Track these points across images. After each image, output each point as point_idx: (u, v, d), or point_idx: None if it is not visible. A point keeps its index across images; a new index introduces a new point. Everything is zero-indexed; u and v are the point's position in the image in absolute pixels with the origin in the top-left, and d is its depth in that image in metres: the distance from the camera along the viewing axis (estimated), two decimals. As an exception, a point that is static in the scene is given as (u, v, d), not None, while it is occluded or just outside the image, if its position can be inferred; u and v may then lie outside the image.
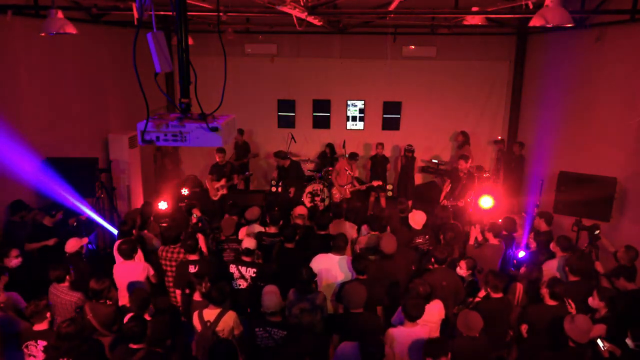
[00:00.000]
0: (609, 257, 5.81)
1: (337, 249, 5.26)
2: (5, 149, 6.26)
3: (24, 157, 6.73)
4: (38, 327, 4.03)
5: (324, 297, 4.88)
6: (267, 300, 4.25)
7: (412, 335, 4.14)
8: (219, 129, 2.51)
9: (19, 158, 6.65)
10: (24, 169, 6.68)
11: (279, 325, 4.26)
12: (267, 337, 4.22)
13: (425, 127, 11.46)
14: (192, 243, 5.32)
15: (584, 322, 4.00)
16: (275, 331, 4.22)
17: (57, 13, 5.62)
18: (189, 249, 5.33)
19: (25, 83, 6.83)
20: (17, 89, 6.70)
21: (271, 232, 6.14)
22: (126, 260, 5.26)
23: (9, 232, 6.19)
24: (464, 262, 5.38)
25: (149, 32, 2.52)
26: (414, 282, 4.62)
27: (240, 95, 10.96)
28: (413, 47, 11.16)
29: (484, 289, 4.83)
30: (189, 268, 5.25)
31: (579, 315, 4.09)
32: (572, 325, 3.99)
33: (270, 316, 4.26)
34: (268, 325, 4.24)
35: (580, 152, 8.27)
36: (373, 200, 10.29)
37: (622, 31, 7.29)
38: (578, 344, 3.96)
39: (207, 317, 4.35)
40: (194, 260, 5.30)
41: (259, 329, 4.25)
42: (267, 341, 4.22)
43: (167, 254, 5.61)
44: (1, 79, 6.40)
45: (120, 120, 9.12)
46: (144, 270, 5.31)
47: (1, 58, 6.36)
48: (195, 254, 5.34)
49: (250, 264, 5.25)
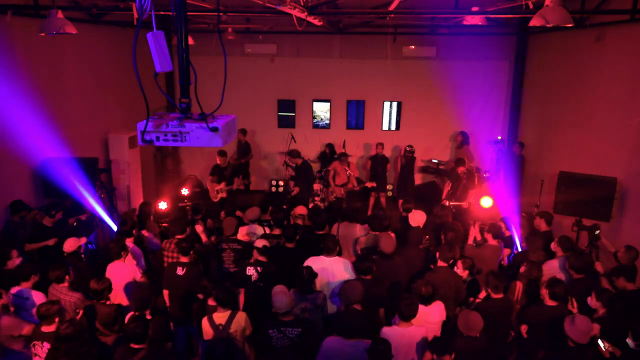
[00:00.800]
0: (609, 257, 5.81)
1: (328, 251, 5.21)
2: (5, 148, 6.26)
3: (23, 157, 6.75)
4: (46, 329, 4.04)
5: (325, 296, 4.88)
6: (278, 302, 4.22)
7: (406, 335, 4.12)
8: (219, 129, 2.51)
9: (19, 158, 6.67)
10: (23, 168, 6.70)
11: (292, 323, 4.24)
12: (282, 337, 4.20)
13: (425, 127, 11.45)
14: (187, 246, 5.33)
15: (584, 322, 4.00)
16: (290, 330, 4.21)
17: (57, 13, 5.62)
18: (182, 250, 5.34)
19: (25, 83, 6.82)
20: (17, 89, 6.69)
21: (275, 233, 6.14)
22: (116, 259, 5.27)
23: (9, 232, 6.18)
24: (460, 262, 5.37)
25: (149, 32, 2.52)
26: (417, 282, 4.61)
27: (240, 95, 10.96)
28: (413, 47, 11.17)
29: (484, 290, 4.83)
30: (176, 270, 5.27)
31: (579, 316, 4.09)
32: (572, 326, 3.99)
33: (282, 316, 4.24)
34: (282, 326, 4.21)
35: (580, 152, 8.27)
36: (373, 200, 10.29)
37: (622, 31, 7.29)
38: (578, 345, 3.97)
39: (218, 320, 4.33)
40: (184, 263, 5.31)
41: (272, 330, 4.21)
42: (282, 341, 4.21)
43: (172, 246, 5.69)
44: (1, 79, 6.39)
45: (120, 120, 9.12)
46: (131, 272, 5.29)
47: (1, 58, 6.36)
48: (187, 257, 5.34)
49: (267, 264, 5.25)
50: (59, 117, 7.54)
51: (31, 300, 4.62)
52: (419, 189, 11.04)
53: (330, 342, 3.94)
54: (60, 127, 7.55)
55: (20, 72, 6.74)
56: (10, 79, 6.56)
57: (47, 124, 7.26)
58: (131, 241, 5.80)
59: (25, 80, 6.81)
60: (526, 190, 9.83)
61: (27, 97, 6.88)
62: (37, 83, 7.09)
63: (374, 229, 6.04)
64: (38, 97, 7.09)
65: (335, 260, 5.20)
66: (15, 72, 6.64)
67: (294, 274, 4.80)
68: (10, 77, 6.56)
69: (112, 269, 5.27)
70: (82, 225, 6.89)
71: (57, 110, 7.52)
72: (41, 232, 6.15)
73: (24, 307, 4.59)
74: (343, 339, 3.91)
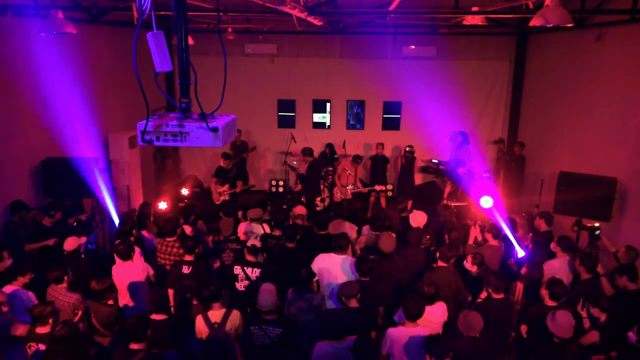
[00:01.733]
0: (610, 257, 5.81)
1: (340, 249, 5.25)
2: (5, 148, 6.26)
3: (23, 157, 6.75)
4: (40, 330, 4.03)
5: (322, 296, 4.88)
6: (262, 299, 4.27)
7: (412, 335, 4.12)
8: (219, 129, 2.51)
9: (19, 158, 6.66)
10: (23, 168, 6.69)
11: (274, 323, 4.26)
12: (262, 335, 4.23)
13: (425, 127, 11.44)
14: (192, 244, 5.32)
15: (565, 318, 4.01)
16: (271, 329, 4.23)
17: (57, 13, 5.62)
18: (188, 248, 5.32)
19: (25, 83, 6.82)
20: (17, 89, 6.69)
21: (276, 234, 6.14)
22: (124, 261, 5.24)
23: (9, 233, 6.18)
24: (470, 257, 5.36)
25: (149, 32, 2.52)
26: (420, 281, 4.61)
27: (240, 95, 10.96)
28: (413, 47, 11.16)
29: (485, 290, 4.83)
30: (182, 268, 5.26)
31: (560, 312, 4.09)
32: (553, 322, 4.02)
33: (265, 314, 4.27)
34: (263, 324, 4.25)
35: (580, 152, 8.27)
36: (373, 200, 10.29)
37: (622, 31, 7.29)
38: (562, 340, 3.98)
39: (214, 318, 4.35)
40: (189, 261, 5.30)
41: (254, 327, 4.27)
42: (262, 339, 4.24)
43: (163, 247, 5.66)
44: (1, 79, 6.39)
45: (120, 120, 9.11)
46: (144, 270, 5.30)
47: (1, 58, 6.35)
48: (192, 255, 5.33)
49: (256, 264, 5.24)
50: (59, 117, 7.55)
51: (19, 299, 4.61)
52: (419, 189, 11.04)
53: (320, 348, 3.94)
54: (60, 127, 7.55)
55: (20, 72, 6.75)
56: (10, 79, 6.56)
57: (47, 124, 7.27)
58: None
59: (25, 80, 6.82)
60: (526, 190, 9.83)
61: (27, 97, 6.88)
62: (37, 83, 7.09)
63: (374, 229, 6.05)
64: (38, 97, 7.10)
65: (345, 259, 5.24)
66: (15, 72, 6.65)
67: (295, 274, 4.80)
68: (10, 77, 6.56)
69: (121, 269, 5.23)
70: (82, 225, 6.89)
71: (57, 110, 7.52)
72: (41, 232, 6.15)
73: (12, 305, 4.56)
74: (331, 342, 3.92)
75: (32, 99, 6.96)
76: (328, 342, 3.92)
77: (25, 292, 4.71)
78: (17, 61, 6.67)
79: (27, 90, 6.88)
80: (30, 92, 6.93)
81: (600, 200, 6.85)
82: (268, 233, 6.26)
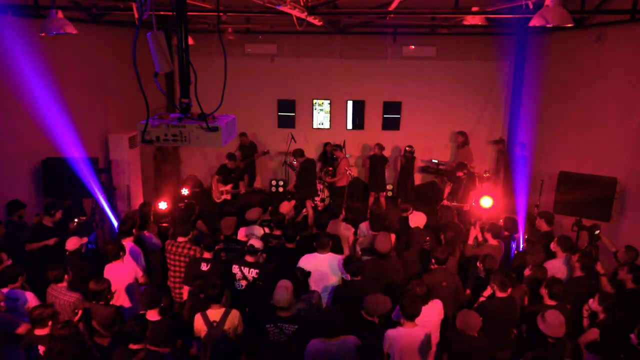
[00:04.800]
0: (610, 257, 5.82)
1: (322, 247, 5.24)
2: (5, 148, 6.25)
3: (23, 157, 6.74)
4: (39, 332, 4.03)
5: (319, 295, 4.89)
6: (278, 295, 4.25)
7: (412, 336, 4.13)
8: (218, 129, 2.51)
9: (19, 158, 6.66)
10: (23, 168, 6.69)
11: (290, 320, 4.26)
12: (278, 332, 4.23)
13: (425, 127, 11.45)
14: (211, 240, 5.34)
15: (554, 317, 4.01)
16: (287, 326, 4.24)
17: (57, 13, 5.61)
18: (207, 245, 5.33)
19: (25, 83, 6.82)
20: (17, 89, 6.69)
21: (277, 234, 6.14)
22: (113, 260, 5.21)
23: (9, 233, 6.17)
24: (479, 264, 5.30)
25: (149, 32, 2.52)
26: (412, 282, 4.62)
27: (240, 95, 10.95)
28: (413, 47, 11.16)
29: (490, 287, 4.78)
30: (201, 265, 5.25)
31: (548, 311, 4.09)
32: (544, 323, 4.02)
33: (279, 311, 4.26)
34: (279, 321, 4.25)
35: (580, 152, 8.27)
36: (373, 200, 10.29)
37: (622, 31, 7.29)
38: (557, 339, 3.98)
39: (213, 317, 4.34)
40: (207, 259, 5.30)
41: (269, 325, 4.26)
42: (279, 337, 4.24)
43: (174, 248, 5.66)
44: (1, 78, 6.39)
45: (120, 120, 9.11)
46: (131, 271, 5.26)
47: (1, 58, 6.35)
48: (211, 253, 5.35)
49: (254, 264, 5.23)
50: (59, 117, 7.55)
51: (22, 300, 4.61)
52: (419, 189, 11.04)
53: (313, 345, 3.94)
54: (60, 127, 7.55)
55: (20, 72, 6.74)
56: (10, 79, 6.56)
57: (47, 124, 7.27)
58: (131, 240, 5.79)
59: (25, 81, 6.81)
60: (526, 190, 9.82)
61: (27, 97, 6.88)
62: (37, 83, 7.09)
63: (374, 229, 6.04)
64: (38, 97, 7.09)
65: (333, 258, 5.24)
66: (15, 72, 6.65)
67: (294, 274, 4.81)
68: (10, 77, 6.56)
69: (111, 270, 5.21)
70: (82, 225, 6.89)
71: (57, 110, 7.52)
72: (41, 232, 6.15)
73: (14, 307, 4.56)
74: (325, 340, 3.91)
75: (32, 99, 6.96)
76: (321, 340, 3.92)
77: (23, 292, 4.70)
78: (17, 61, 6.66)
79: (27, 90, 6.87)
80: (30, 92, 6.92)
81: (600, 200, 6.85)
82: (269, 233, 6.26)
